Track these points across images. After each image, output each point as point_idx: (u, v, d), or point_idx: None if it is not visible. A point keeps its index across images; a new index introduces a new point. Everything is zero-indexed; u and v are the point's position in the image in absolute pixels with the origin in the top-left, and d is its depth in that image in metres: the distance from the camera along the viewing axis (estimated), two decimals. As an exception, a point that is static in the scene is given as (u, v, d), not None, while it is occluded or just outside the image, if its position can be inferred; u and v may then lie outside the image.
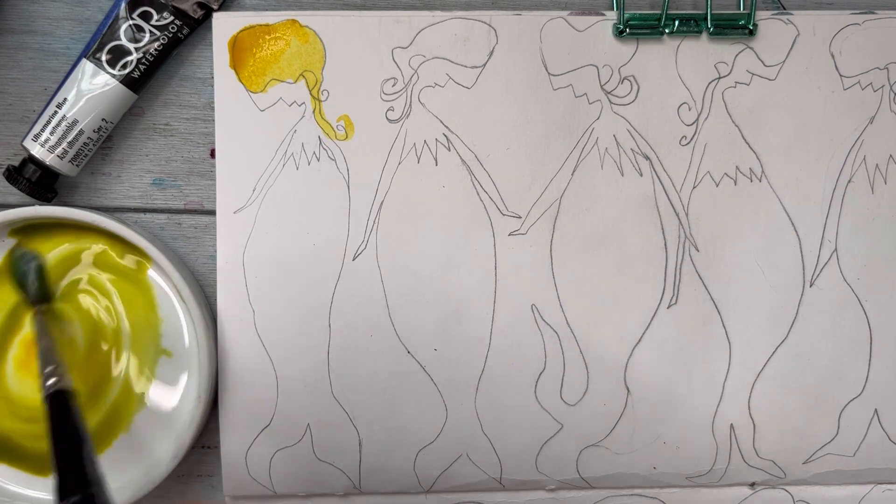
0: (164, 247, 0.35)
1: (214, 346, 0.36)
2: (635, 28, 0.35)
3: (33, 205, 0.35)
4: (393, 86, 0.35)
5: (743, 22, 0.35)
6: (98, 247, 0.36)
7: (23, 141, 0.35)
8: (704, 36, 0.35)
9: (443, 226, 0.36)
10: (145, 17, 0.34)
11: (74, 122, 0.34)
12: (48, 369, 0.29)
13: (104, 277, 0.36)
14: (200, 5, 0.35)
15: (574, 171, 0.36)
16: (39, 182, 0.35)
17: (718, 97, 0.36)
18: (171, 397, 0.36)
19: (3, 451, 0.36)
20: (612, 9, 0.36)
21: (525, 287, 0.36)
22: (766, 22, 0.35)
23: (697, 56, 0.36)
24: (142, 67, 0.34)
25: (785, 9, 0.36)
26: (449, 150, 0.36)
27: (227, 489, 0.37)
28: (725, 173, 0.36)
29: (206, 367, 0.35)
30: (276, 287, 0.36)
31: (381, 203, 0.36)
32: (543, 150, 0.36)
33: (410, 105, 0.36)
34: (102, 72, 0.34)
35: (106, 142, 0.36)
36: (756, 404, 0.37)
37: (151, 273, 0.36)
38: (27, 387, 0.36)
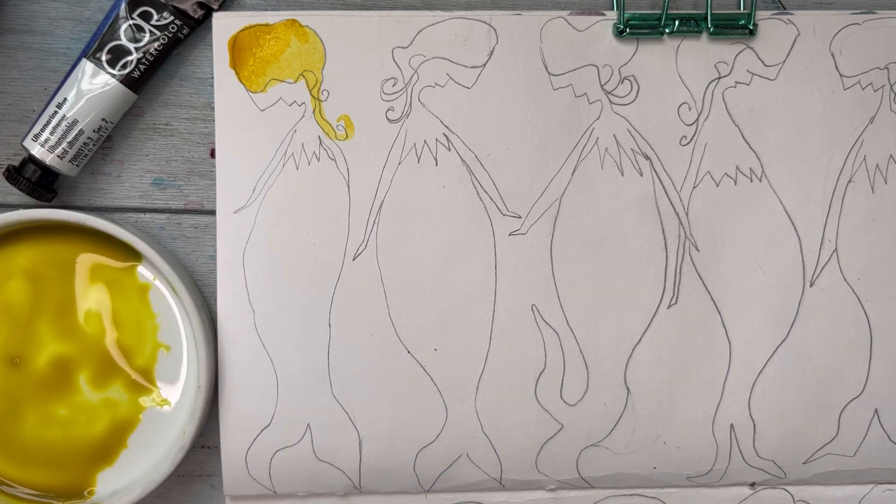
0: (153, 241, 0.35)
1: (212, 336, 0.36)
2: (635, 28, 0.35)
3: (29, 207, 0.35)
4: (393, 86, 0.35)
5: (743, 22, 0.35)
6: (90, 246, 0.36)
7: (23, 141, 0.35)
8: (704, 36, 0.35)
9: (443, 226, 0.36)
10: (145, 17, 0.34)
11: (74, 122, 0.34)
12: None
13: (97, 276, 0.36)
14: (200, 5, 0.35)
15: (574, 171, 0.36)
16: (39, 182, 0.35)
17: (718, 97, 0.36)
18: (173, 392, 0.36)
19: None
20: (612, 9, 0.36)
21: (525, 287, 0.36)
22: (766, 22, 0.35)
23: (697, 56, 0.36)
24: (142, 67, 0.34)
25: (785, 9, 0.36)
26: (449, 150, 0.36)
27: (227, 489, 0.37)
28: (725, 173, 0.36)
29: (203, 357, 0.34)
30: (276, 287, 0.36)
31: (381, 203, 0.36)
32: (543, 150, 0.36)
33: (410, 105, 0.35)
34: (102, 72, 0.34)
35: (106, 142, 0.36)
36: (756, 404, 0.37)
37: (142, 269, 0.36)
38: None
